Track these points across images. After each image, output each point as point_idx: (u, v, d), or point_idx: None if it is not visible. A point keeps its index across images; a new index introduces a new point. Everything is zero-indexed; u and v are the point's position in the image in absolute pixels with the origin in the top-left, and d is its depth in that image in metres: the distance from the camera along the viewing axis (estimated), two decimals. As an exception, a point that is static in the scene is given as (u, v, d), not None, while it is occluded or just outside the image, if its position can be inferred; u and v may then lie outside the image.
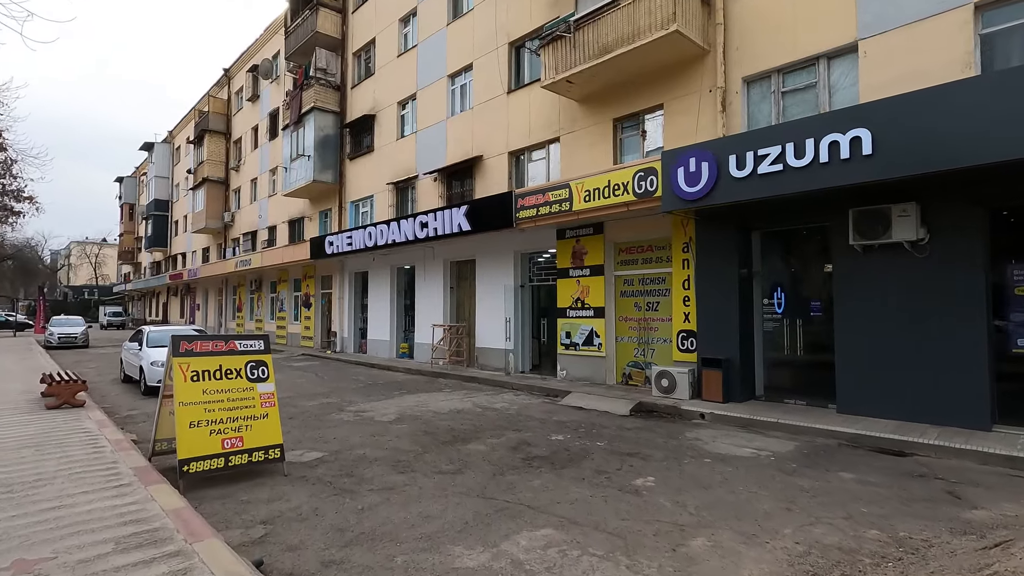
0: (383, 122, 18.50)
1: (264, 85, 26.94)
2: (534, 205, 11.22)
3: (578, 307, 11.81)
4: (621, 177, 9.61)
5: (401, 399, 10.65)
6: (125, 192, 51.54)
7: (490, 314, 14.01)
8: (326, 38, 20.37)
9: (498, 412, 9.28)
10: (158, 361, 11.11)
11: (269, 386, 6.08)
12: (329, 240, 17.97)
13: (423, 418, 8.82)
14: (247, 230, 28.30)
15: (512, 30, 13.76)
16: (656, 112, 10.81)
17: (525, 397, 10.82)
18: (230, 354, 5.95)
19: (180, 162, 39.79)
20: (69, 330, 24.68)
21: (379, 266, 18.08)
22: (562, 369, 12.11)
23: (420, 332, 16.44)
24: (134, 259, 51.17)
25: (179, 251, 39.31)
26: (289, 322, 24.10)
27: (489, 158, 14.33)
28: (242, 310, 28.98)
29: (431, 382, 13.02)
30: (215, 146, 31.08)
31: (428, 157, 16.32)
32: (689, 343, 9.89)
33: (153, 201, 41.03)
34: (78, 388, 8.43)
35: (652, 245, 10.78)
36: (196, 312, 35.67)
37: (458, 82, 15.69)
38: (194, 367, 5.66)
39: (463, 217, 12.81)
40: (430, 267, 16.05)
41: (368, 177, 19.11)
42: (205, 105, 32.42)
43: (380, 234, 15.54)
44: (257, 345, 6.17)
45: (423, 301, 16.35)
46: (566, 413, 9.15)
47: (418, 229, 14.15)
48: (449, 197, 15.69)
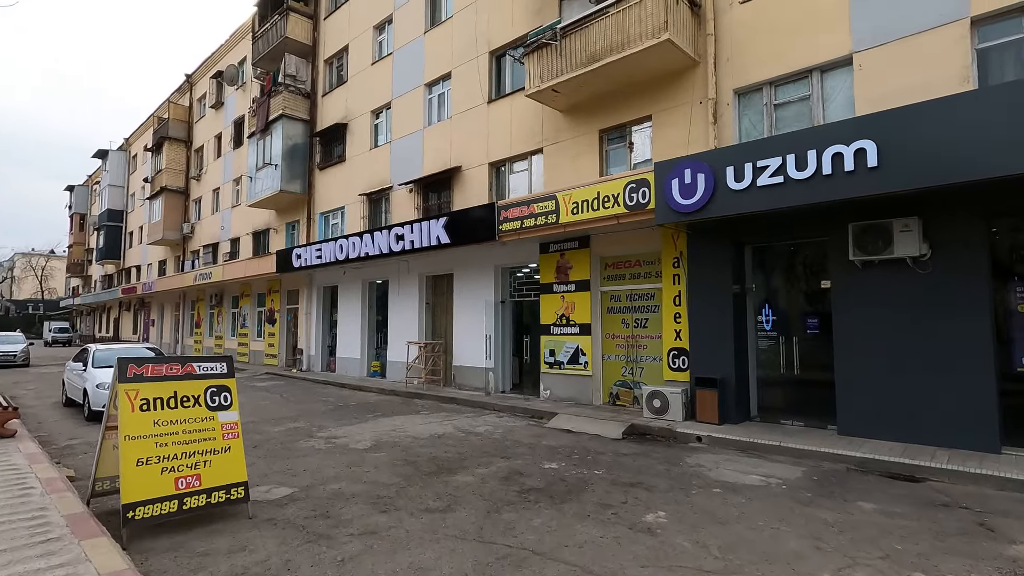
0: (356, 131, 17.84)
1: (229, 92, 25.92)
2: (518, 217, 10.75)
3: (563, 324, 11.34)
4: (611, 189, 9.24)
5: (376, 423, 9.91)
6: (76, 202, 48.95)
7: (469, 331, 13.40)
8: (296, 44, 19.66)
9: (482, 437, 8.67)
10: (104, 383, 10.09)
11: (232, 415, 5.35)
12: (297, 253, 17.10)
13: (402, 444, 8.14)
14: (208, 242, 26.97)
15: (493, 38, 13.40)
16: (644, 123, 10.54)
17: (508, 419, 10.23)
18: (187, 379, 5.21)
19: (137, 171, 38.00)
20: (7, 348, 22.84)
21: (350, 280, 17.28)
22: (546, 389, 11.58)
23: (393, 350, 15.68)
24: (84, 272, 48.46)
25: (133, 264, 37.34)
26: (252, 339, 22.89)
27: (468, 169, 13.84)
28: (201, 326, 27.49)
29: (407, 403, 12.29)
30: (175, 154, 29.70)
31: (403, 167, 15.73)
32: (681, 361, 9.51)
33: (106, 211, 38.96)
34: (7, 416, 7.44)
35: (640, 260, 10.43)
36: (150, 328, 33.78)
37: (436, 91, 15.21)
38: (144, 394, 4.91)
39: (442, 229, 12.24)
40: (405, 281, 15.37)
41: (339, 188, 18.36)
42: (165, 111, 31.04)
43: (352, 247, 14.80)
44: (218, 368, 5.44)
45: (397, 317, 15.63)
46: (555, 437, 8.60)
47: (393, 242, 13.49)
48: (426, 209, 15.10)
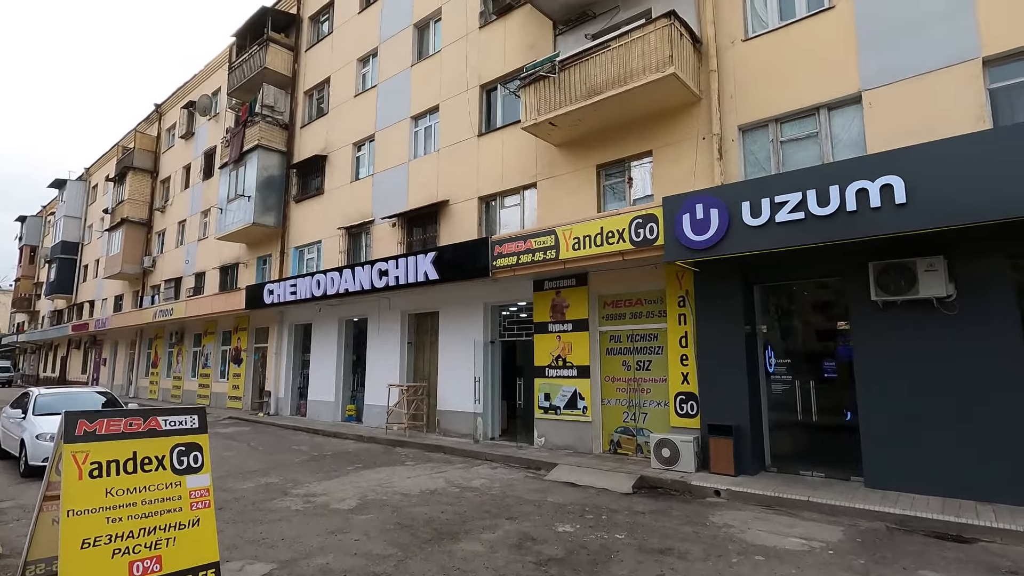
0: (335, 163, 17.25)
1: (201, 122, 25.11)
2: (513, 253, 10.21)
3: (558, 365, 10.70)
4: (615, 224, 8.82)
5: (358, 476, 8.96)
6: (27, 233, 46.45)
7: (455, 373, 12.61)
8: (275, 75, 19.17)
9: (479, 492, 7.84)
10: (45, 434, 8.92)
11: (203, 478, 4.47)
12: (269, 288, 16.12)
13: (391, 503, 7.25)
14: (170, 276, 25.56)
15: (484, 72, 13.17)
16: (644, 159, 10.27)
17: (504, 471, 9.41)
18: (150, 436, 4.35)
19: (96, 202, 36.33)
20: (-63, 390, 20.73)
21: (325, 318, 16.33)
22: (540, 436, 10.82)
23: (372, 392, 14.69)
24: (31, 307, 45.55)
25: (86, 299, 35.20)
26: (214, 380, 21.40)
27: (456, 203, 13.34)
28: (158, 365, 25.72)
29: (389, 452, 11.32)
30: (139, 184, 28.45)
31: (386, 201, 15.14)
32: (689, 407, 8.95)
33: (60, 243, 36.90)
34: (-76, 477, 6.28)
35: (643, 299, 9.97)
36: (101, 368, 31.57)
37: (422, 124, 14.83)
38: (96, 456, 4.03)
39: (430, 265, 11.60)
40: (385, 320, 14.55)
41: (316, 221, 17.59)
42: (131, 141, 29.90)
43: (331, 282, 13.97)
44: (189, 422, 4.59)
45: (376, 358, 14.71)
46: (560, 492, 7.84)
47: (376, 278, 12.75)
48: (409, 244, 14.46)
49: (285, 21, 19.97)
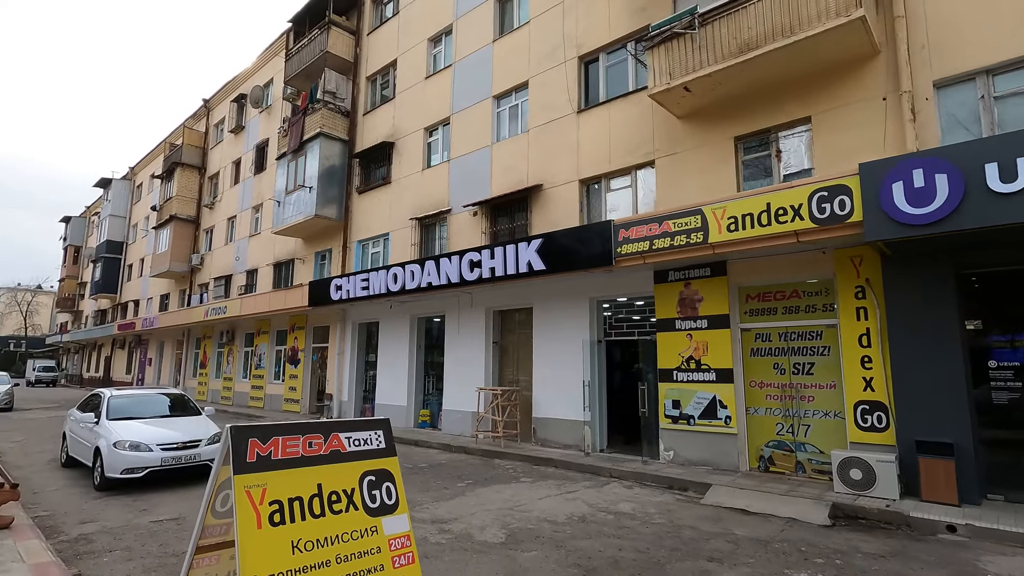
0: (404, 151, 16.10)
1: (251, 115, 24.34)
2: (644, 238, 8.83)
3: (690, 368, 9.26)
4: (788, 199, 7.37)
5: (477, 495, 7.65)
6: (71, 234, 46.74)
7: (554, 375, 11.26)
8: (336, 59, 18.16)
9: (641, 521, 6.45)
10: (124, 442, 7.83)
11: (401, 521, 3.18)
12: (336, 283, 15.01)
13: (544, 535, 5.91)
14: (220, 274, 24.81)
15: (584, 42, 11.84)
16: (798, 127, 8.81)
17: (642, 491, 8.00)
18: (334, 461, 3.08)
19: (141, 200, 36.08)
20: (-11, 389, 20.21)
21: (395, 316, 15.16)
22: (668, 449, 9.39)
23: (451, 397, 13.44)
24: (75, 307, 45.70)
25: (131, 298, 34.89)
26: (268, 381, 20.44)
27: (552, 187, 12.01)
28: (207, 366, 24.97)
29: (489, 464, 10.02)
30: (187, 181, 27.86)
31: (465, 188, 13.91)
32: (876, 419, 7.43)
33: (105, 242, 36.74)
34: (5, 497, 5.16)
35: (801, 290, 8.49)
36: (147, 368, 31.09)
37: (506, 103, 13.57)
38: (275, 493, 2.77)
39: (534, 254, 10.28)
40: (467, 317, 13.28)
41: (382, 213, 16.47)
42: (179, 137, 29.40)
43: (410, 276, 12.76)
44: (374, 440, 3.31)
45: (456, 359, 13.45)
46: (738, 522, 6.41)
47: (466, 270, 11.48)
48: (494, 234, 13.18)
49: (346, 4, 18.97)
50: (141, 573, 4.73)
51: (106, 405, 8.74)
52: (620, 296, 10.77)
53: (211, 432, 8.64)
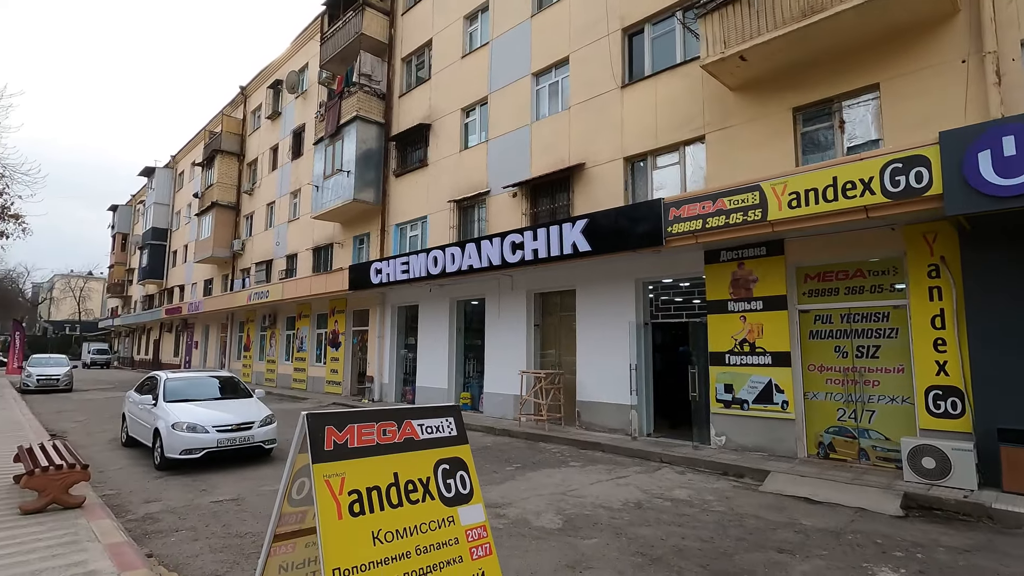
0: (441, 132, 15.94)
1: (287, 100, 24.51)
2: (697, 216, 8.48)
3: (744, 351, 8.93)
4: (857, 172, 6.93)
5: (527, 480, 7.57)
6: (119, 221, 48.41)
7: (599, 359, 11.06)
8: (371, 41, 18.02)
9: (700, 508, 6.26)
10: (182, 423, 8.01)
11: (477, 511, 3.07)
12: (376, 267, 15.07)
13: (601, 521, 5.78)
14: (260, 259, 25.31)
15: (628, 13, 11.37)
16: (864, 96, 8.27)
17: (696, 477, 7.79)
18: (408, 449, 2.98)
19: (183, 188, 37.02)
20: (50, 371, 21.21)
21: (435, 299, 15.15)
22: (719, 434, 9.13)
23: (492, 380, 13.40)
24: (124, 292, 47.56)
25: (176, 283, 36.04)
26: (310, 364, 20.85)
27: (594, 166, 11.69)
28: (250, 349, 25.64)
29: (534, 448, 9.94)
30: (226, 168, 28.38)
31: (504, 169, 13.68)
32: (950, 405, 7.01)
33: (150, 230, 37.95)
34: (74, 478, 5.31)
35: (865, 269, 8.04)
36: (193, 351, 32.16)
37: (546, 80, 13.22)
38: (354, 482, 2.68)
39: (579, 235, 10.04)
40: (507, 300, 13.16)
41: (418, 196, 16.40)
42: (217, 125, 29.91)
43: (450, 259, 12.68)
44: (446, 427, 3.19)
45: (497, 342, 13.38)
46: (803, 511, 6.15)
47: (508, 252, 11.32)
48: (534, 215, 12.96)
49: (379, -16, 18.75)
50: (208, 553, 4.81)
51: (163, 388, 8.97)
52: (668, 277, 10.46)
53: (263, 414, 8.79)
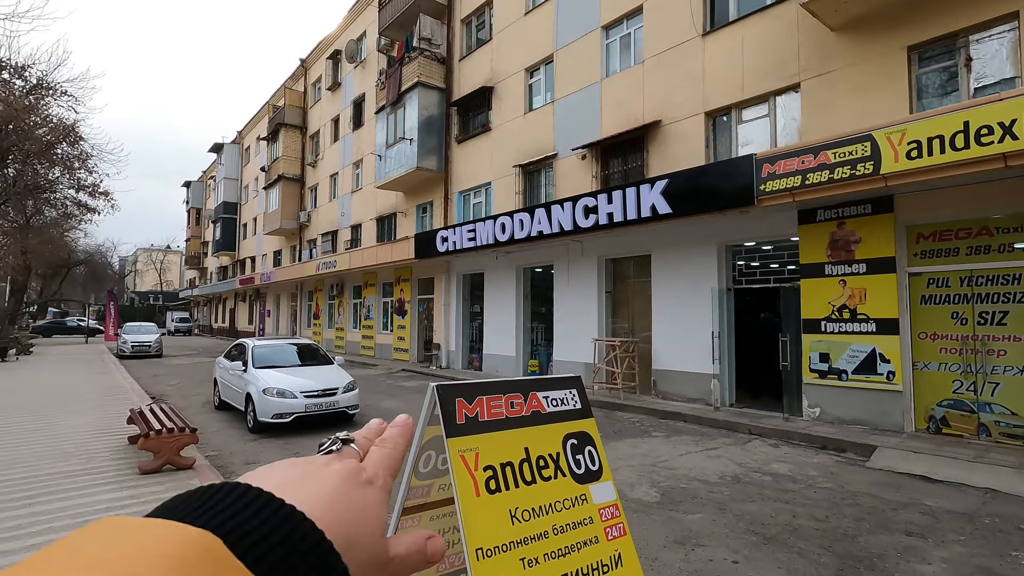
0: (504, 95, 15.50)
1: (347, 71, 24.58)
2: (795, 172, 7.80)
3: (843, 318, 8.29)
4: (996, 114, 6.09)
5: (612, 449, 7.38)
6: (192, 197, 50.97)
7: (677, 326, 10.64)
8: (430, 3, 17.62)
9: (806, 486, 5.88)
10: (272, 388, 8.28)
11: (607, 488, 2.83)
12: (442, 235, 15.04)
13: (702, 496, 5.52)
14: (326, 230, 25.95)
15: (710, -48, 10.46)
16: (998, 27, 7.25)
17: (790, 450, 7.38)
18: (535, 423, 2.78)
19: (250, 163, 38.31)
20: (143, 338, 22.78)
21: (501, 267, 15.01)
22: (813, 406, 8.60)
23: (561, 347, 13.23)
24: (200, 264, 50.40)
25: (248, 255, 37.72)
26: (377, 331, 21.39)
27: (671, 123, 11.02)
28: (319, 317, 26.61)
29: (611, 417, 9.75)
30: (291, 141, 29.02)
31: (573, 130, 13.17)
32: (1096, 378, 6.23)
33: (221, 204, 39.69)
34: (184, 440, 5.54)
35: (992, 226, 7.20)
36: (266, 319, 33.76)
37: (616, 33, 12.48)
38: (488, 458, 2.49)
39: (658, 197, 9.52)
40: (577, 267, 12.83)
41: (482, 162, 16.14)
42: (280, 99, 30.53)
43: (518, 225, 12.43)
44: (570, 399, 2.97)
45: (566, 309, 13.14)
46: (923, 491, 5.67)
47: (580, 217, 10.95)
48: (605, 178, 12.45)
49: (436, -57, 18.19)
50: (313, 516, 4.90)
51: (251, 354, 9.31)
52: (754, 240, 9.81)
53: (345, 381, 8.98)
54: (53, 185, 21.47)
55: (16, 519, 4.25)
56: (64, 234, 32.83)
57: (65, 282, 46.37)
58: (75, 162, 20.20)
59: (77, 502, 4.63)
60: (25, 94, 17.58)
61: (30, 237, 26.79)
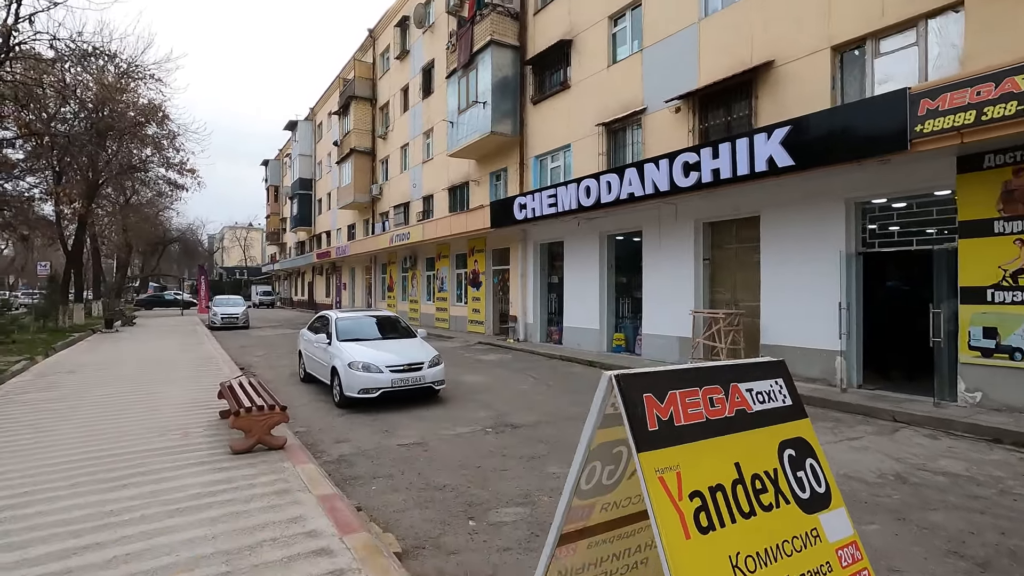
0: (583, 48, 14.32)
1: (415, 37, 23.97)
2: (967, 106, 6.37)
3: (1018, 285, 6.85)
4: None
5: (732, 437, 6.47)
6: (270, 175, 52.87)
7: (792, 296, 9.41)
8: (502, -45, 16.52)
9: (998, 491, 4.77)
10: (357, 363, 7.96)
11: (841, 519, 2.06)
12: (520, 202, 14.28)
13: (862, 498, 4.59)
14: (397, 202, 25.86)
15: None
16: None
17: (953, 443, 6.18)
18: (743, 427, 2.00)
19: (322, 139, 38.97)
20: (231, 310, 23.80)
21: (582, 234, 14.09)
22: (972, 390, 7.26)
23: (651, 319, 12.26)
24: (280, 240, 52.52)
25: (323, 229, 38.69)
26: (451, 303, 21.15)
27: (786, 63, 9.58)
28: (393, 289, 26.81)
29: (717, 397, 8.77)
30: (361, 114, 29.00)
31: (664, 81, 11.89)
32: None
33: (297, 180, 40.81)
34: (275, 419, 5.19)
35: None
36: (343, 292, 34.62)
37: (717, -35, 11.00)
38: (692, 480, 1.76)
39: (777, 147, 8.26)
40: (670, 232, 11.72)
41: (560, 123, 15.12)
42: (350, 72, 30.48)
43: (605, 188, 11.44)
44: (777, 393, 2.17)
45: (657, 279, 12.10)
46: None
47: (679, 175, 9.82)
48: (703, 132, 11.17)
49: None
50: (415, 508, 4.40)
51: (334, 327, 9.04)
52: (893, 194, 8.36)
53: (431, 355, 8.53)
54: (145, 164, 22.46)
55: (110, 503, 3.99)
56: (159, 213, 34.93)
57: (162, 258, 49.85)
58: (163, 140, 20.94)
59: (171, 485, 4.35)
60: (118, 79, 18.21)
61: (130, 217, 28.55)
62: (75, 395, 8.27)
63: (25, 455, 5.25)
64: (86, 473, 4.66)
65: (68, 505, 3.93)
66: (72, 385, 9.15)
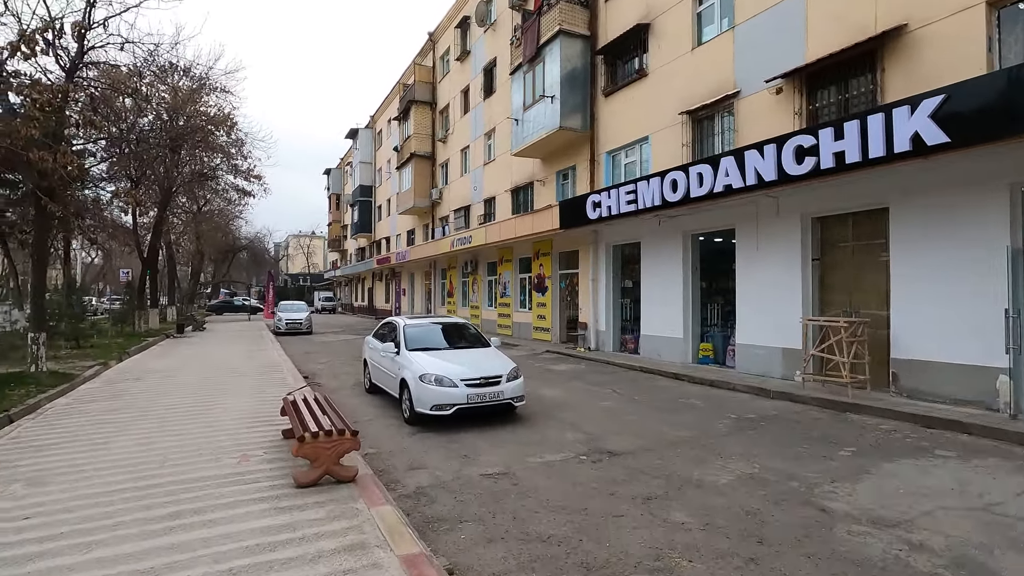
0: (663, 32, 13.14)
1: (476, 36, 23.40)
2: None
3: None
4: None
5: (887, 473, 5.17)
6: (332, 183, 54.03)
7: (935, 302, 7.89)
8: (571, -60, 15.59)
9: None
10: (429, 375, 7.14)
11: None
12: (593, 200, 13.21)
13: None
14: (458, 206, 25.32)
15: None
16: None
17: None
18: None
19: (382, 146, 39.23)
20: (295, 316, 23.92)
21: (662, 234, 12.86)
22: None
23: (747, 328, 10.89)
24: (341, 246, 53.49)
25: (383, 235, 38.85)
26: (514, 309, 20.26)
27: (922, 26, 8.10)
28: (453, 295, 26.24)
29: (841, 420, 7.40)
30: (421, 118, 28.76)
31: (760, 60, 10.56)
32: None
33: (358, 187, 41.28)
34: (345, 447, 4.39)
35: None
36: (402, 297, 34.50)
37: (828, -77, 9.61)
38: None
39: (926, 122, 6.84)
40: (769, 229, 10.35)
41: (636, 114, 13.97)
42: (410, 77, 30.37)
43: (695, 181, 10.22)
44: None
45: (753, 282, 10.74)
46: None
47: (789, 162, 8.51)
48: (812, 113, 9.77)
49: None
50: (517, 572, 3.44)
51: (403, 335, 8.28)
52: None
53: (508, 367, 7.62)
54: (215, 172, 22.91)
55: (149, 556, 3.26)
56: (229, 222, 36.07)
57: (232, 265, 51.81)
58: (231, 148, 21.23)
59: (223, 531, 3.59)
60: (191, 92, 18.53)
61: (202, 225, 29.44)
62: (137, 405, 7.89)
63: (73, 478, 4.71)
64: (131, 508, 4.01)
65: (100, 557, 3.23)
66: (136, 393, 8.85)
